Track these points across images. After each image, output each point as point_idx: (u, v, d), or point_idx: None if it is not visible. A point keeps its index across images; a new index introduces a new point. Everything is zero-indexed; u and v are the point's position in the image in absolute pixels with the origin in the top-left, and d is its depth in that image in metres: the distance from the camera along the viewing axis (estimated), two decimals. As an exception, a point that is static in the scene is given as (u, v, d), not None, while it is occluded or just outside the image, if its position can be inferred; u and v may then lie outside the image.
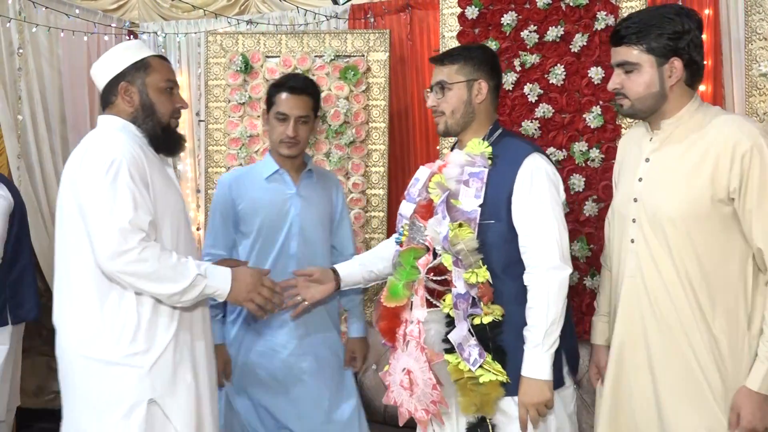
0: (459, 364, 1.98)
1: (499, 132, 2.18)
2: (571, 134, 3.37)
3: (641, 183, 2.02)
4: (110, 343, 1.92)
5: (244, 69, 4.07)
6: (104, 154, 1.94)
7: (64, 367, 2.01)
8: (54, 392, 4.73)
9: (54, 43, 4.35)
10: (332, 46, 4.05)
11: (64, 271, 2.01)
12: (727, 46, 3.43)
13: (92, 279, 1.94)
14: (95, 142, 2.01)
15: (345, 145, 4.00)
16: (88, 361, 1.94)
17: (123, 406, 1.92)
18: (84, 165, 1.95)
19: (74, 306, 1.97)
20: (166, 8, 4.87)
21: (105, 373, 1.92)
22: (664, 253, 1.94)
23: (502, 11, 3.48)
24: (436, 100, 2.19)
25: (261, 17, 4.54)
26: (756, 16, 3.16)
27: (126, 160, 1.93)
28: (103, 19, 4.65)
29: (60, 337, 2.02)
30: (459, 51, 2.22)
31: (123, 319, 1.94)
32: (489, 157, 2.09)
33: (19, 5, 4.12)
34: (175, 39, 4.71)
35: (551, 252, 2.00)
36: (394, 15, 4.25)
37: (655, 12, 1.99)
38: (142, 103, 2.09)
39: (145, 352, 1.94)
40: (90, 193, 1.91)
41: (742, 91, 3.30)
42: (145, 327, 1.95)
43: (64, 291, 2.02)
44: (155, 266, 1.88)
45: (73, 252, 1.97)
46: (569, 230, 3.24)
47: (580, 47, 3.33)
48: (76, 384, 1.97)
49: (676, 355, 1.94)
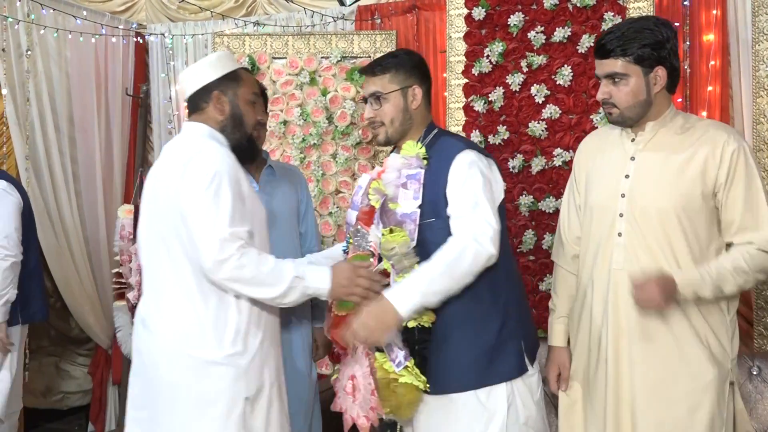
0: (384, 364, 2.03)
1: (435, 132, 2.20)
2: (578, 135, 3.37)
3: (629, 180, 2.11)
4: (214, 343, 1.99)
5: (251, 70, 4.08)
6: (207, 166, 1.99)
7: (162, 365, 2.04)
8: (61, 393, 4.75)
9: (62, 45, 4.36)
10: (339, 47, 4.06)
11: (162, 274, 2.06)
12: (735, 47, 3.42)
13: (195, 283, 2.00)
14: (196, 152, 2.05)
15: (351, 146, 4.00)
16: (192, 359, 1.99)
17: (223, 402, 1.99)
18: (188, 176, 1.99)
19: (176, 308, 2.03)
20: (173, 10, 4.88)
21: (208, 371, 1.99)
22: (656, 243, 2.06)
23: (509, 12, 3.48)
24: (374, 112, 2.18)
25: (268, 18, 4.55)
26: (763, 16, 3.15)
27: (227, 172, 2.00)
28: (110, 21, 4.67)
29: (157, 338, 2.06)
30: (388, 59, 2.21)
31: (224, 321, 2.01)
32: (424, 157, 2.12)
33: (27, 7, 4.14)
34: (183, 40, 4.73)
35: (483, 227, 1.99)
36: (400, 16, 4.25)
37: (636, 24, 2.09)
38: (232, 113, 2.15)
39: (242, 353, 2.02)
40: (194, 204, 1.97)
41: (749, 92, 3.29)
42: (243, 330, 2.03)
43: (162, 293, 2.06)
44: (254, 271, 1.95)
45: (176, 257, 2.02)
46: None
47: (587, 48, 3.33)
48: (178, 382, 2.01)
49: (666, 338, 2.05)
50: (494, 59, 3.52)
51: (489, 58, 3.53)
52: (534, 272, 3.43)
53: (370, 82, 2.19)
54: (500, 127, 3.50)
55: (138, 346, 2.12)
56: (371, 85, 2.18)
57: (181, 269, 2.01)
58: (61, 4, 4.36)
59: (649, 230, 2.06)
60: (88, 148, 4.52)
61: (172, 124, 4.75)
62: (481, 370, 2.06)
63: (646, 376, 2.06)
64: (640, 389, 2.07)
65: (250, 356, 2.03)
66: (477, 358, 2.06)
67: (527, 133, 3.45)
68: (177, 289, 2.02)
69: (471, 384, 2.05)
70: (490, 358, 2.06)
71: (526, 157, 3.46)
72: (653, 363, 2.06)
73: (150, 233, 2.10)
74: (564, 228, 2.33)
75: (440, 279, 1.95)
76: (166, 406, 2.04)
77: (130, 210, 4.13)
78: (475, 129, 3.56)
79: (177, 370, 2.01)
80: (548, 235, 3.39)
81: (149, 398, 2.07)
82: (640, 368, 2.07)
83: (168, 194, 2.03)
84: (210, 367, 1.99)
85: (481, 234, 1.97)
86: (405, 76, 2.17)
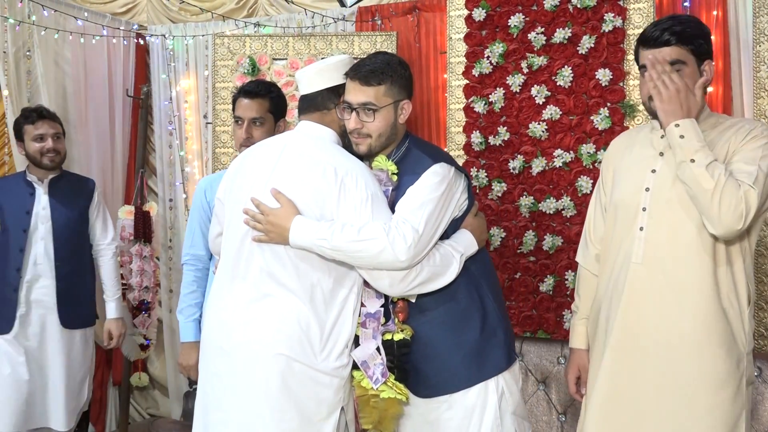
0: (362, 381, 2.02)
1: (406, 144, 2.15)
2: (578, 136, 3.37)
3: (654, 174, 2.10)
4: (325, 354, 1.98)
5: (252, 71, 4.08)
6: (365, 186, 1.98)
7: (258, 367, 1.97)
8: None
9: (62, 47, 4.37)
10: (339, 49, 4.06)
11: (270, 274, 2.00)
12: (735, 48, 3.42)
13: (324, 295, 1.99)
14: (347, 167, 2.00)
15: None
16: (298, 366, 1.96)
17: (324, 411, 1.99)
18: (348, 195, 1.97)
19: (292, 313, 1.97)
20: (174, 11, 4.88)
21: (315, 380, 1.97)
22: (679, 237, 2.03)
23: (509, 13, 3.48)
24: (360, 122, 2.06)
25: (268, 20, 4.55)
26: (764, 17, 3.15)
27: (379, 190, 2.03)
28: (111, 22, 4.67)
29: (260, 337, 1.98)
30: (384, 69, 2.07)
31: (338, 333, 2.01)
32: (393, 173, 2.08)
33: (28, 8, 4.15)
34: (183, 42, 4.73)
35: (405, 232, 1.92)
36: (401, 17, 4.25)
37: (686, 18, 2.09)
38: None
39: (346, 366, 2.02)
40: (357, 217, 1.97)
41: (750, 93, 3.29)
42: (350, 343, 2.03)
43: (266, 293, 2.00)
44: (430, 271, 1.99)
45: (309, 264, 1.98)
46: (577, 232, 3.27)
47: (588, 49, 3.33)
48: (279, 386, 1.95)
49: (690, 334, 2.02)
50: (495, 60, 3.52)
51: (489, 59, 3.53)
52: (534, 273, 3.42)
53: (361, 92, 2.05)
54: (500, 128, 3.50)
55: (221, 344, 2.03)
56: (362, 95, 2.05)
57: (314, 275, 1.97)
58: (62, 6, 4.36)
59: (673, 223, 2.05)
60: (89, 149, 4.53)
61: (173, 125, 4.75)
62: (471, 368, 2.07)
63: (657, 369, 2.05)
64: (652, 383, 2.05)
65: (350, 368, 2.03)
66: (465, 357, 2.06)
67: (528, 134, 3.45)
68: (295, 293, 1.97)
69: (463, 383, 2.06)
70: (479, 355, 2.07)
71: (527, 158, 3.45)
72: (666, 357, 2.04)
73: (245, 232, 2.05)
74: (589, 229, 2.33)
75: (334, 249, 1.91)
76: (257, 408, 1.97)
77: (131, 211, 4.13)
78: (475, 130, 3.55)
79: (277, 374, 1.95)
80: (549, 236, 3.38)
81: (234, 399, 2.00)
82: (652, 362, 2.06)
83: (314, 202, 1.98)
84: (318, 377, 1.97)
85: (400, 239, 1.90)
86: (398, 90, 2.09)
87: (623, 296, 2.10)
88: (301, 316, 1.96)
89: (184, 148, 4.76)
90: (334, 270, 1.99)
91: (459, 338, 2.07)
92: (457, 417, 2.08)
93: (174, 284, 4.71)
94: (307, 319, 1.96)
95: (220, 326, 2.05)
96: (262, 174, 2.07)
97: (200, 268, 2.87)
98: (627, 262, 2.10)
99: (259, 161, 2.11)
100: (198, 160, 4.75)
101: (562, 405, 3.13)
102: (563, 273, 3.35)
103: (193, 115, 4.76)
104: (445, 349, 2.07)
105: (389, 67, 2.08)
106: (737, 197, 1.88)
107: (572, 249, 3.32)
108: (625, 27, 3.32)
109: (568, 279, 3.34)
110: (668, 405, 2.03)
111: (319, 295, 1.98)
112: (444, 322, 2.07)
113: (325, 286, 1.98)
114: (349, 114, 2.08)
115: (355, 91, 2.06)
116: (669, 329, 2.04)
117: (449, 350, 2.07)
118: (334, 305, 2.00)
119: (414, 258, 1.93)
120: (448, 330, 2.07)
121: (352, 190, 1.97)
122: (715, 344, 2.01)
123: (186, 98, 4.75)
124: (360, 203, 1.96)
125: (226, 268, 2.09)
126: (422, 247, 1.95)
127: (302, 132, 2.14)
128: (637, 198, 2.11)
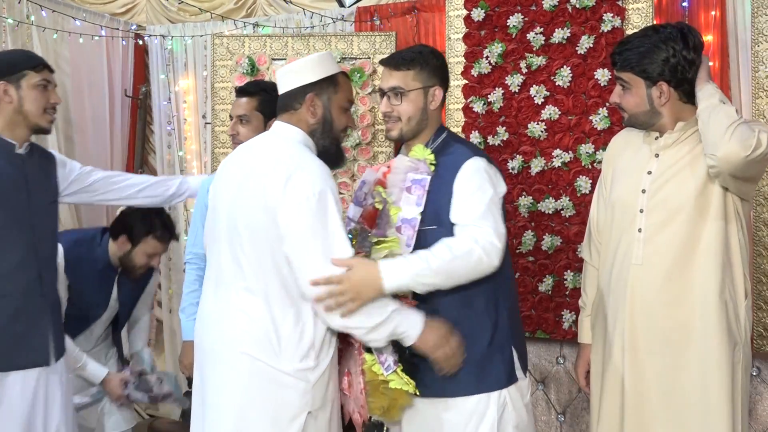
0: (373, 366, 2.02)
1: (444, 136, 2.18)
2: (577, 136, 3.37)
3: (651, 176, 2.14)
4: (286, 355, 1.96)
5: (251, 71, 4.09)
6: (311, 184, 1.94)
7: (223, 366, 2.01)
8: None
9: (61, 47, 4.37)
10: (338, 49, 4.06)
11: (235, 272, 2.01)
12: (734, 48, 3.42)
13: (278, 293, 1.97)
14: (297, 168, 1.97)
15: (351, 147, 4.01)
16: (260, 365, 1.96)
17: (287, 414, 1.96)
18: (290, 195, 1.93)
19: (251, 312, 1.98)
20: (173, 11, 4.88)
21: (277, 381, 1.96)
22: (676, 239, 2.08)
23: (508, 13, 3.49)
24: (391, 106, 2.14)
25: (267, 20, 4.56)
26: (763, 17, 3.15)
27: (331, 189, 1.96)
28: (110, 22, 4.67)
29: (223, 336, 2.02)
30: (415, 56, 2.16)
31: (300, 335, 1.97)
32: (432, 163, 2.10)
33: (27, 9, 4.15)
34: (182, 42, 4.73)
35: (491, 238, 1.97)
36: (400, 17, 4.25)
37: (645, 40, 2.14)
38: (324, 118, 2.09)
39: (313, 369, 1.98)
40: (300, 227, 1.93)
41: (748, 93, 3.29)
42: (318, 346, 1.99)
43: (231, 291, 2.01)
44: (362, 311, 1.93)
45: (263, 264, 1.98)
46: (576, 232, 3.28)
47: (587, 49, 3.33)
48: (241, 385, 1.98)
49: (690, 331, 2.07)
50: (493, 60, 3.52)
51: (488, 59, 3.53)
52: (533, 273, 3.43)
53: (392, 76, 2.15)
54: (499, 128, 3.50)
55: (201, 343, 2.09)
56: (392, 79, 2.14)
57: (266, 276, 1.97)
58: (61, 6, 4.37)
59: (670, 226, 2.09)
60: (88, 149, 4.53)
61: (172, 125, 4.75)
62: (471, 378, 2.06)
63: (660, 371, 2.08)
64: (653, 383, 2.09)
65: (320, 372, 1.99)
66: (467, 366, 2.05)
67: (526, 134, 3.45)
68: (255, 294, 1.98)
69: (462, 390, 2.07)
70: (481, 367, 2.07)
71: (526, 158, 3.46)
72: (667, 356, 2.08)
73: (225, 228, 2.05)
74: (593, 225, 2.37)
75: (436, 273, 1.93)
76: (222, 404, 2.00)
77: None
78: (474, 130, 3.56)
79: (242, 373, 1.97)
80: (547, 236, 3.39)
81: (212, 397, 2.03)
82: (653, 361, 2.09)
83: (264, 204, 1.96)
84: (280, 377, 1.96)
85: (489, 245, 1.95)
86: (428, 76, 2.15)
87: (626, 299, 2.12)
88: (263, 315, 1.97)
89: (183, 149, 4.76)
90: (289, 271, 1.96)
91: (466, 345, 2.05)
92: (454, 420, 2.08)
93: (173, 285, 4.71)
94: (266, 318, 1.96)
95: (200, 326, 2.13)
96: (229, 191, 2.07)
97: (202, 267, 2.85)
98: (627, 264, 2.13)
99: (229, 174, 2.12)
100: (197, 161, 4.75)
101: (561, 405, 3.13)
102: (562, 273, 3.35)
103: (192, 115, 4.76)
104: None
105: (419, 54, 2.17)
106: (751, 132, 1.95)
107: (571, 249, 3.33)
108: (624, 27, 3.32)
109: (567, 279, 3.35)
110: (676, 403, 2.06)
111: (276, 294, 1.97)
112: (456, 326, 2.05)
113: (281, 284, 1.96)
114: (382, 99, 2.18)
115: (386, 77, 2.18)
116: (672, 328, 2.07)
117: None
118: (291, 305, 1.97)
119: (501, 253, 2.01)
120: (458, 334, 2.05)
121: (295, 188, 1.94)
122: (710, 335, 2.06)
123: (185, 98, 4.75)
124: (304, 200, 1.92)
125: (208, 270, 2.15)
126: (501, 239, 2.01)
127: (271, 133, 2.15)
128: (634, 199, 2.15)
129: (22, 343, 2.29)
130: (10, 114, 2.36)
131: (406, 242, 2.04)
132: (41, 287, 2.41)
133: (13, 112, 2.37)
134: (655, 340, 2.09)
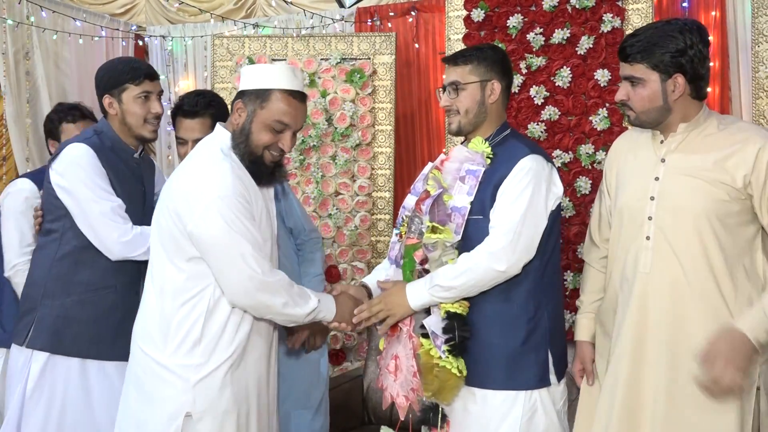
0: (431, 350, 2.05)
1: (506, 133, 2.21)
2: (577, 136, 3.37)
3: (658, 182, 2.08)
4: (170, 348, 1.97)
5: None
6: (210, 190, 1.95)
7: (131, 356, 2.09)
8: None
9: (61, 47, 4.37)
10: (338, 49, 4.06)
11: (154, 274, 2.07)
12: (734, 48, 3.43)
13: (172, 284, 1.99)
14: (200, 169, 2.02)
15: (351, 148, 4.01)
16: (144, 356, 2.01)
17: (164, 411, 1.96)
18: (189, 199, 1.96)
19: (146, 302, 2.06)
20: (173, 12, 4.89)
21: (156, 373, 1.98)
22: (686, 248, 2.02)
23: (508, 14, 3.49)
24: (450, 100, 2.20)
25: (267, 20, 4.56)
26: (763, 18, 3.15)
27: (233, 195, 1.95)
28: (110, 23, 4.67)
29: (133, 329, 2.10)
30: (472, 51, 2.23)
31: (187, 328, 1.97)
32: (488, 156, 2.13)
33: (27, 9, 4.15)
34: (182, 42, 4.73)
35: (504, 238, 2.02)
36: (400, 18, 4.26)
37: (660, 29, 2.07)
38: (242, 128, 2.06)
39: (197, 366, 1.96)
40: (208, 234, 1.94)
41: (748, 93, 3.29)
42: (206, 342, 1.97)
43: (151, 290, 2.07)
44: (285, 298, 1.99)
45: (160, 255, 2.03)
46: (576, 232, 3.28)
47: (587, 49, 3.33)
48: (135, 375, 2.05)
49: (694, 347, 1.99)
50: (493, 61, 3.52)
51: (488, 59, 3.53)
52: (533, 274, 3.43)
53: (451, 71, 2.21)
54: (499, 129, 3.50)
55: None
56: (451, 74, 2.20)
57: (164, 271, 2.01)
58: (61, 6, 4.37)
59: (680, 234, 2.03)
60: (88, 149, 4.52)
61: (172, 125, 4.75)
62: (500, 374, 2.07)
63: (670, 379, 2.02)
64: (662, 392, 2.03)
65: (207, 371, 1.95)
66: (498, 361, 2.07)
67: (526, 135, 3.45)
68: (154, 287, 2.03)
69: (491, 384, 2.07)
70: (513, 364, 2.07)
71: (526, 159, 3.46)
72: (679, 366, 2.02)
73: (154, 231, 2.10)
74: (594, 230, 2.32)
75: (448, 289, 2.03)
76: (124, 394, 2.09)
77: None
78: (474, 130, 3.56)
79: (134, 366, 2.05)
80: (548, 236, 3.38)
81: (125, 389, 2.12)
82: (664, 372, 2.03)
83: (169, 206, 2.01)
84: (160, 371, 1.97)
85: (499, 251, 2.01)
86: (485, 70, 2.18)
87: (633, 306, 2.09)
88: (154, 308, 2.01)
89: (183, 149, 4.76)
90: (187, 268, 1.97)
91: (500, 340, 2.07)
92: (479, 413, 2.09)
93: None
94: (155, 311, 2.00)
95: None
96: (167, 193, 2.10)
97: None
98: (634, 272, 2.09)
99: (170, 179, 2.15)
100: (197, 161, 4.75)
101: (561, 405, 3.12)
102: (562, 273, 3.35)
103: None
104: (485, 344, 2.07)
105: (477, 50, 2.24)
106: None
107: (571, 249, 3.33)
108: (623, 27, 3.32)
109: (567, 279, 3.35)
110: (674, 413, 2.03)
111: (169, 288, 1.98)
112: (492, 319, 2.08)
113: (176, 280, 1.97)
114: (442, 95, 2.25)
115: (447, 73, 2.25)
116: (678, 337, 2.02)
117: (487, 347, 2.07)
118: (181, 300, 1.97)
119: (518, 261, 2.02)
120: (493, 327, 2.08)
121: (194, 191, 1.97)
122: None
123: (185, 99, 4.75)
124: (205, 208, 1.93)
125: None
126: (524, 247, 2.02)
127: (209, 135, 2.17)
128: (643, 206, 2.09)
129: (121, 333, 2.33)
130: (118, 125, 2.50)
131: (455, 230, 2.09)
132: (139, 284, 2.45)
133: (120, 123, 2.50)
134: (662, 351, 2.04)
